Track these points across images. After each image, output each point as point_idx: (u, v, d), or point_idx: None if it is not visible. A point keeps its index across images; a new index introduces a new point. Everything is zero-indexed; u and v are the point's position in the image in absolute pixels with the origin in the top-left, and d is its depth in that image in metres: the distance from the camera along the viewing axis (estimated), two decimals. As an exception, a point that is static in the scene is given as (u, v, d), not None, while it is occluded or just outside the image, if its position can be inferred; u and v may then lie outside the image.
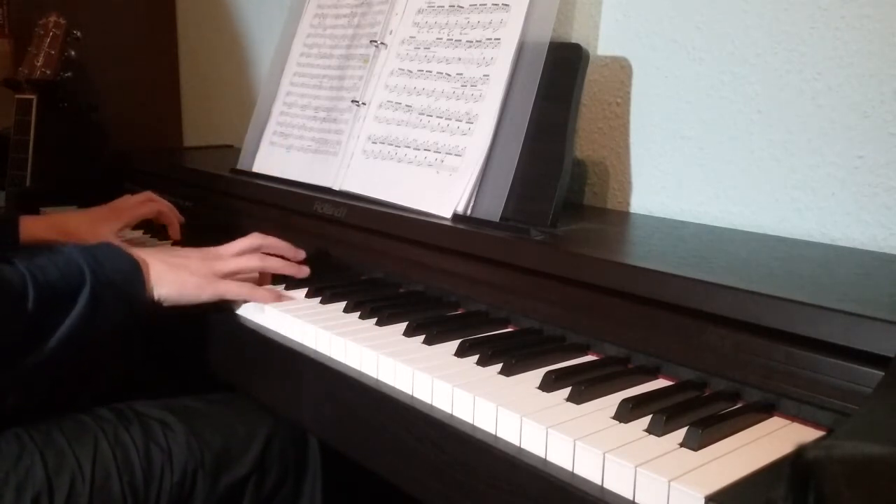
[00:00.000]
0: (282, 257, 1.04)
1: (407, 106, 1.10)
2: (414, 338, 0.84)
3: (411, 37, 1.14)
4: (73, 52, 1.62)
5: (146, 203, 1.27)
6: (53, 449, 0.87)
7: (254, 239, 1.02)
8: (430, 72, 1.09)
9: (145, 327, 1.21)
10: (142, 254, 0.93)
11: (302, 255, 1.06)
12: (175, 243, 1.27)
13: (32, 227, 1.19)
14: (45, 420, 0.91)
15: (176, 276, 0.93)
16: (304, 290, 0.99)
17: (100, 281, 0.85)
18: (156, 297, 0.92)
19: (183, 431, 0.94)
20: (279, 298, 0.97)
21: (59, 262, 0.84)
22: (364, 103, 1.17)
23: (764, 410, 0.67)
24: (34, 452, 0.85)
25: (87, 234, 1.17)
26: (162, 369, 1.28)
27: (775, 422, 0.67)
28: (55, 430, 0.89)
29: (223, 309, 1.00)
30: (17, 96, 1.56)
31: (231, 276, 0.98)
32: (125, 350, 1.24)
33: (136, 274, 0.90)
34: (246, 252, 1.00)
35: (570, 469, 0.62)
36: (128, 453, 0.90)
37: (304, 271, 1.04)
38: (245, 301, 0.97)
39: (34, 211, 1.52)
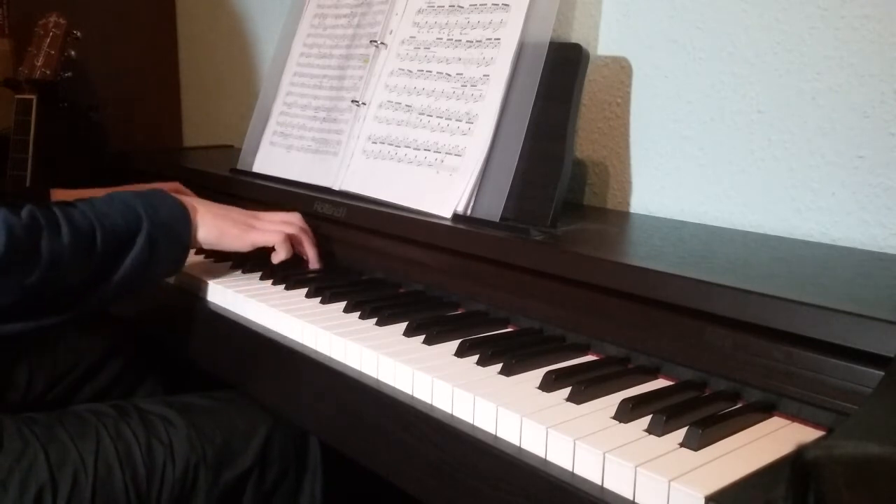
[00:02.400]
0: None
1: (407, 106, 1.10)
2: (414, 338, 0.84)
3: (411, 37, 1.14)
4: (73, 52, 1.62)
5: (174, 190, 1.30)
6: (56, 444, 0.87)
7: (294, 217, 1.09)
8: (430, 72, 1.09)
9: (145, 326, 1.21)
10: (189, 200, 1.02)
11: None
12: None
13: (63, 198, 1.22)
14: (47, 416, 0.92)
15: (218, 223, 1.02)
16: (305, 290, 0.99)
17: (155, 224, 0.93)
18: (198, 237, 1.01)
19: (184, 426, 0.95)
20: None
21: (119, 207, 0.93)
22: (364, 103, 1.17)
23: (764, 410, 0.67)
24: (37, 448, 0.86)
25: None
26: (161, 368, 1.28)
27: (775, 422, 0.67)
28: (57, 426, 0.90)
29: (224, 308, 1.01)
30: (17, 96, 1.56)
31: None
32: (123, 347, 1.24)
33: (186, 218, 0.99)
34: (283, 225, 1.07)
35: (570, 469, 0.62)
36: (130, 448, 0.90)
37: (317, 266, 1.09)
38: (275, 247, 1.06)
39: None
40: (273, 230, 1.05)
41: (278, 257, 1.05)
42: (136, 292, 0.96)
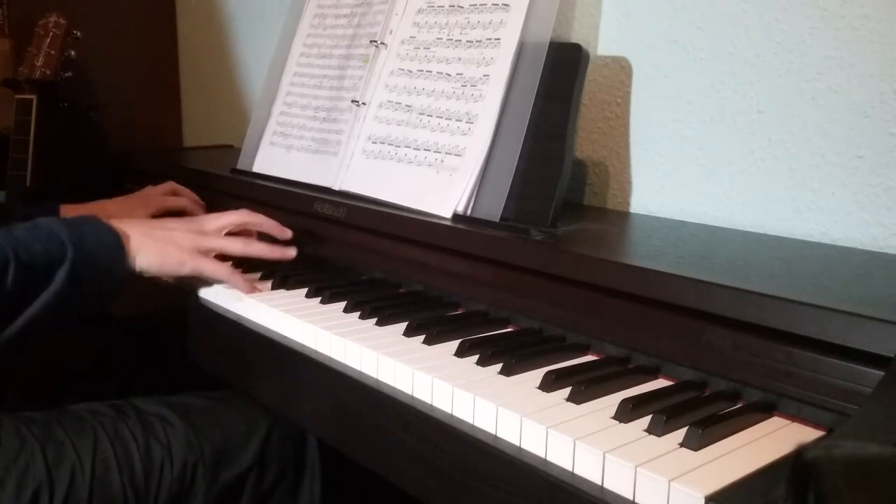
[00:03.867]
0: (268, 238, 1.06)
1: (407, 106, 1.10)
2: (414, 338, 0.84)
3: (411, 37, 1.14)
4: (73, 52, 1.62)
5: (171, 197, 1.29)
6: (53, 443, 0.87)
7: (241, 215, 1.04)
8: (430, 72, 1.09)
9: (143, 325, 1.21)
10: (123, 225, 0.92)
11: (288, 233, 1.07)
12: None
13: (72, 213, 1.20)
14: (45, 415, 0.92)
15: (158, 249, 0.94)
16: (304, 290, 0.99)
17: (80, 256, 0.85)
18: (136, 268, 0.92)
19: (182, 426, 0.95)
20: (253, 289, 0.99)
21: (41, 235, 0.84)
22: (364, 103, 1.17)
23: (764, 410, 0.67)
24: (34, 446, 0.86)
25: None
26: (159, 367, 1.28)
27: (775, 422, 0.67)
28: (55, 425, 0.90)
29: (223, 308, 1.00)
30: (17, 96, 1.56)
31: (212, 253, 1.00)
32: (121, 346, 1.24)
33: (118, 247, 0.90)
34: (231, 228, 1.02)
35: (570, 469, 0.62)
36: (127, 447, 0.90)
37: (290, 254, 1.04)
38: (221, 282, 1.00)
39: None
40: (224, 243, 0.99)
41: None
42: (50, 330, 0.88)
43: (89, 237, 0.87)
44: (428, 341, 0.83)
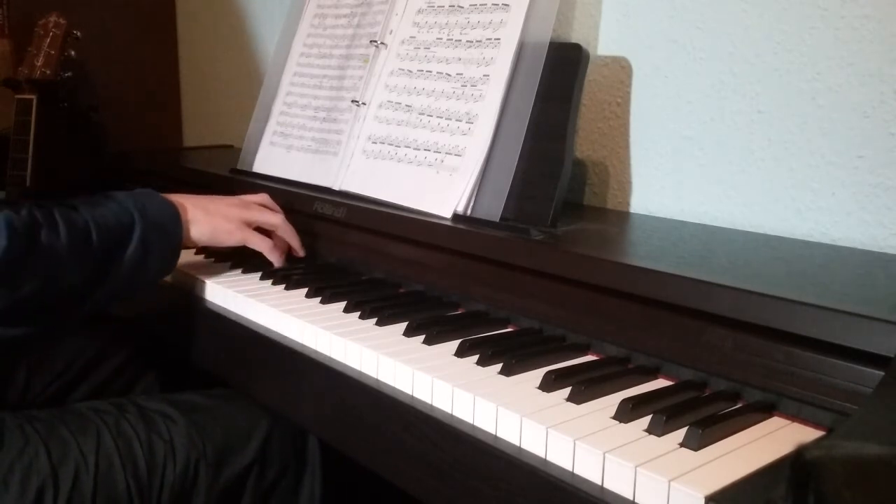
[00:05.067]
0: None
1: (407, 106, 1.10)
2: (414, 338, 0.84)
3: (411, 37, 1.14)
4: (73, 52, 1.62)
5: None
6: (57, 441, 0.88)
7: (277, 218, 1.10)
8: (430, 72, 1.09)
9: (143, 325, 1.22)
10: (176, 198, 1.01)
11: (301, 254, 1.13)
12: None
13: None
14: (48, 413, 0.92)
15: (210, 220, 1.02)
16: (304, 290, 1.00)
17: (147, 222, 0.94)
18: (191, 236, 1.01)
19: (184, 423, 0.95)
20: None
21: (112, 206, 0.93)
22: (364, 103, 1.17)
23: (764, 410, 0.67)
24: (38, 444, 0.86)
25: None
26: (159, 366, 1.28)
27: (775, 422, 0.67)
28: (58, 423, 0.90)
29: (224, 308, 1.01)
30: (17, 96, 1.56)
31: (255, 227, 1.07)
32: (122, 345, 1.24)
33: (176, 216, 0.98)
34: (264, 224, 1.08)
35: (570, 469, 0.62)
36: (130, 444, 0.91)
37: (281, 262, 1.09)
38: (263, 251, 1.07)
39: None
40: (262, 238, 1.07)
41: (278, 263, 1.08)
42: (131, 294, 0.96)
43: (151, 206, 0.96)
44: (428, 341, 0.83)
